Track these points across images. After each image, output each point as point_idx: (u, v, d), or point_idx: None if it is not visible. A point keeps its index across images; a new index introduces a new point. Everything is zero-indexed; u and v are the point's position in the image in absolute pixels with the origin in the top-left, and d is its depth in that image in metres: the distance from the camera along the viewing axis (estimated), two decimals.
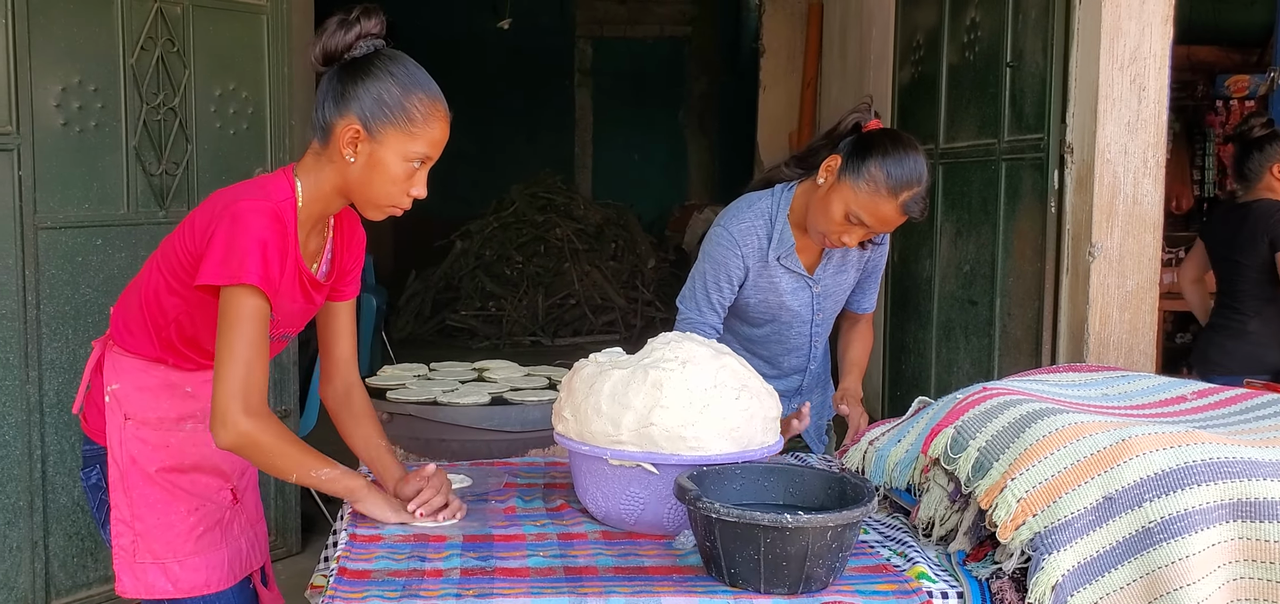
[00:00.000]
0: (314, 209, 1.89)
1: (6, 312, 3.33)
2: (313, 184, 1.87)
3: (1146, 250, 3.16)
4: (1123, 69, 3.10)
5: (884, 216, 2.29)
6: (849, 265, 2.57)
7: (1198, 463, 1.64)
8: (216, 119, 3.81)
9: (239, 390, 1.75)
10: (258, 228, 1.75)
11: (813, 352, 2.63)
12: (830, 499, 1.76)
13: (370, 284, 6.75)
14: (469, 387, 2.68)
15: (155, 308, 1.91)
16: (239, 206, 1.77)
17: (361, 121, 1.80)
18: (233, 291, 1.75)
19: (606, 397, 1.85)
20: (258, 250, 1.74)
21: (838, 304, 2.63)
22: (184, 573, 1.95)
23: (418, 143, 1.81)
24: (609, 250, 9.96)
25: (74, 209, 3.46)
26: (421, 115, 1.81)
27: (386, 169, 1.81)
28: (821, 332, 2.63)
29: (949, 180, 4.18)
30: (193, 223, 1.87)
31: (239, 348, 1.75)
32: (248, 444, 1.77)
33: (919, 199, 2.29)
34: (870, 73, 5.72)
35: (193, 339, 1.92)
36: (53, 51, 3.37)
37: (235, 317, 1.75)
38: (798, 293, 2.52)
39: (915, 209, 2.29)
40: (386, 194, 1.84)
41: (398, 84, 1.80)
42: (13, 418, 3.37)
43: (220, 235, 1.76)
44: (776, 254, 2.46)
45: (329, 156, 1.84)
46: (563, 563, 1.73)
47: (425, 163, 1.85)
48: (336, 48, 1.81)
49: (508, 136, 11.48)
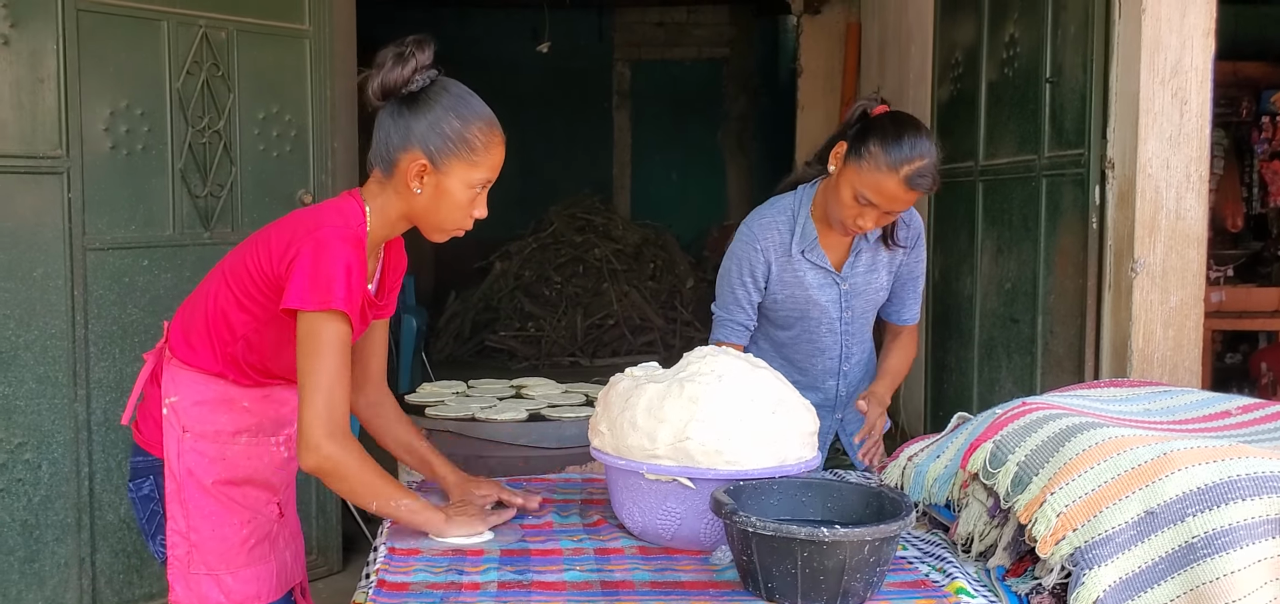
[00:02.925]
0: (380, 234, 1.96)
1: (56, 331, 3.39)
2: (379, 210, 1.93)
3: (1190, 266, 3.11)
4: (1164, 83, 3.07)
5: (890, 193, 2.31)
6: (879, 266, 2.56)
7: (1242, 477, 1.61)
8: (260, 142, 3.87)
9: (324, 415, 1.78)
10: (343, 254, 1.80)
11: (845, 355, 2.60)
12: (868, 514, 1.75)
13: (410, 305, 6.82)
14: (507, 403, 2.69)
15: (221, 323, 1.94)
16: (323, 233, 1.82)
17: (427, 155, 1.86)
18: (318, 317, 1.79)
19: (642, 411, 1.86)
20: (344, 276, 1.79)
21: (870, 306, 2.60)
22: (237, 584, 1.98)
23: (480, 169, 1.89)
24: (648, 271, 9.97)
25: (121, 231, 3.53)
26: (482, 143, 1.88)
27: (452, 197, 1.89)
28: (853, 335, 2.60)
29: (989, 197, 4.15)
30: (269, 242, 1.90)
31: (324, 373, 1.79)
32: (332, 468, 1.81)
33: (924, 174, 2.31)
34: (909, 91, 5.70)
35: (259, 356, 1.95)
36: (101, 77, 3.44)
37: (321, 342, 1.79)
38: (824, 289, 2.53)
39: (922, 184, 2.31)
40: (452, 219, 1.92)
41: (458, 116, 1.87)
42: (61, 436, 3.43)
43: (304, 260, 1.80)
44: (800, 248, 2.50)
45: (394, 187, 1.91)
46: (599, 577, 1.74)
47: (486, 185, 1.92)
48: (395, 82, 1.86)
49: (547, 158, 11.54)
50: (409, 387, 4.80)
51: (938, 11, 4.73)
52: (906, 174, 2.30)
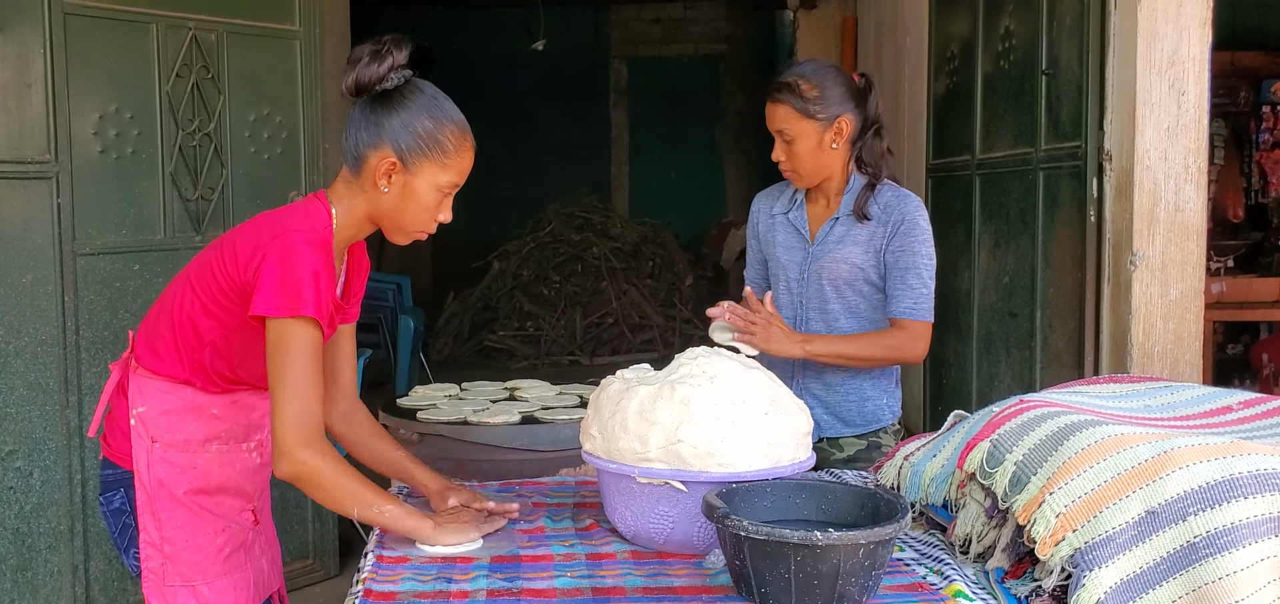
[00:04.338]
0: (346, 235, 1.93)
1: (47, 337, 3.37)
2: (346, 211, 1.91)
3: (1190, 258, 3.09)
4: (1161, 73, 3.04)
5: (766, 113, 2.53)
6: (854, 241, 2.52)
7: (1244, 475, 1.58)
8: (251, 144, 3.85)
9: (297, 421, 1.75)
10: (310, 258, 1.78)
11: (800, 322, 2.57)
12: (863, 516, 1.72)
13: (407, 306, 6.78)
14: (500, 406, 2.67)
15: (188, 330, 1.91)
16: (290, 237, 1.79)
17: (397, 153, 1.85)
18: (288, 324, 1.76)
19: (633, 414, 1.83)
20: (312, 282, 1.77)
21: (842, 281, 2.54)
22: (213, 594, 1.95)
23: (449, 172, 1.88)
24: (646, 269, 9.94)
25: (112, 235, 3.50)
26: (453, 146, 1.87)
27: (418, 198, 1.87)
28: (811, 304, 2.56)
29: (986, 191, 4.12)
30: (234, 247, 1.87)
31: (296, 380, 1.76)
32: (307, 475, 1.77)
33: (777, 87, 2.49)
34: (905, 85, 5.68)
35: (226, 363, 1.92)
36: (90, 80, 3.41)
37: (292, 348, 1.76)
38: (791, 250, 2.61)
39: (777, 95, 2.48)
40: (417, 221, 1.90)
41: (431, 117, 1.86)
42: (53, 443, 3.40)
43: (272, 265, 1.77)
44: (785, 209, 2.64)
45: (361, 186, 1.89)
46: (591, 583, 1.71)
47: (453, 189, 1.90)
48: (370, 79, 1.84)
49: (544, 156, 11.52)
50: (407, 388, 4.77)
51: (933, 4, 4.70)
52: (770, 92, 2.51)
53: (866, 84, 2.55)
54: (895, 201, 2.52)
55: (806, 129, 2.48)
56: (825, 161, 2.51)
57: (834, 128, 2.49)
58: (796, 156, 2.50)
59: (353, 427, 2.11)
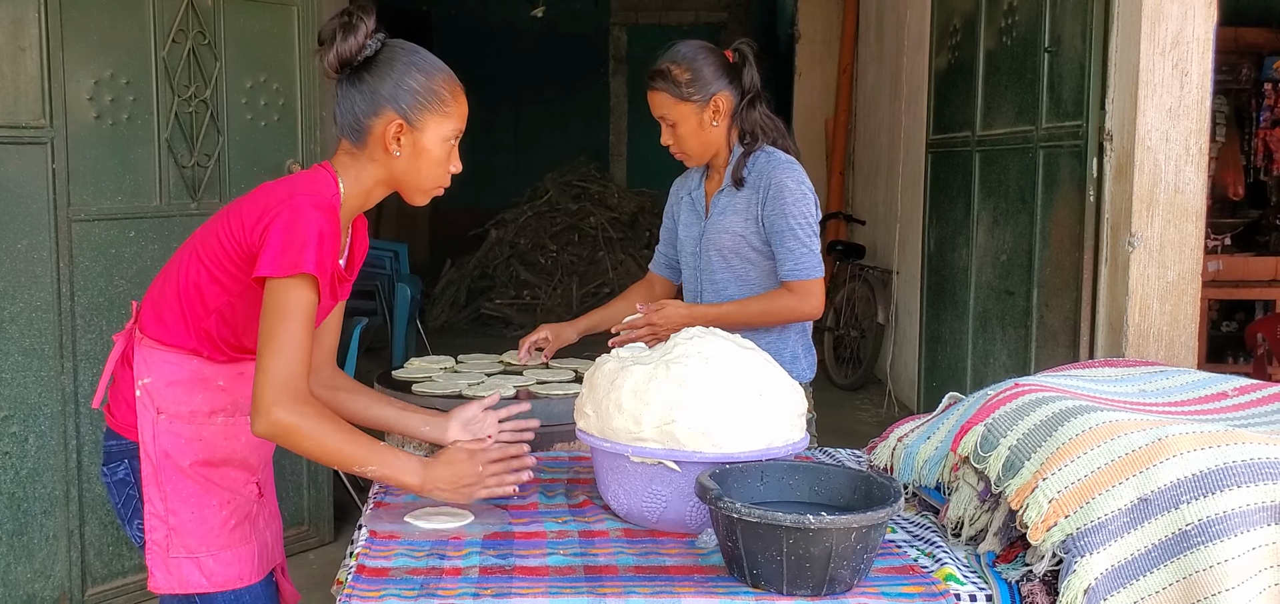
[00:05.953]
0: (354, 204, 1.95)
1: (41, 303, 3.36)
2: (353, 180, 1.92)
3: (1188, 240, 3.08)
4: (1164, 54, 3.02)
5: (650, 103, 2.58)
6: (733, 210, 2.58)
7: (1237, 463, 1.59)
8: (247, 111, 3.82)
9: (277, 379, 1.74)
10: (317, 221, 1.78)
11: (698, 295, 2.66)
12: (856, 498, 1.72)
13: (404, 274, 6.76)
14: (495, 379, 2.66)
15: (194, 297, 1.90)
16: (297, 201, 1.80)
17: (400, 114, 1.87)
18: (287, 283, 1.76)
19: (628, 393, 1.82)
20: (315, 241, 1.77)
21: (730, 251, 2.57)
22: (217, 566, 1.95)
23: (452, 120, 1.92)
24: (643, 239, 9.93)
25: (107, 202, 3.48)
26: (449, 93, 1.91)
27: (429, 154, 1.90)
28: (704, 276, 2.64)
29: (985, 168, 4.11)
30: (241, 213, 1.87)
31: (284, 337, 1.75)
32: (282, 433, 1.75)
33: (655, 76, 2.54)
34: (906, 59, 5.65)
35: (232, 330, 1.92)
36: (85, 45, 3.39)
37: (286, 306, 1.76)
38: (689, 226, 2.70)
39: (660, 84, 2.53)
40: (433, 177, 1.94)
41: (421, 71, 1.89)
42: (48, 409, 3.40)
43: (278, 227, 1.77)
44: (692, 190, 2.71)
45: (369, 155, 1.90)
46: (583, 562, 1.71)
47: (457, 137, 1.94)
48: (350, 52, 1.86)
49: (542, 124, 11.47)
50: (404, 356, 4.76)
51: None
52: (646, 80, 2.56)
53: (741, 58, 2.59)
54: (767, 166, 2.55)
55: (685, 112, 2.54)
56: (709, 139, 2.58)
57: (711, 106, 2.54)
58: (681, 138, 2.57)
59: (337, 391, 2.12)
